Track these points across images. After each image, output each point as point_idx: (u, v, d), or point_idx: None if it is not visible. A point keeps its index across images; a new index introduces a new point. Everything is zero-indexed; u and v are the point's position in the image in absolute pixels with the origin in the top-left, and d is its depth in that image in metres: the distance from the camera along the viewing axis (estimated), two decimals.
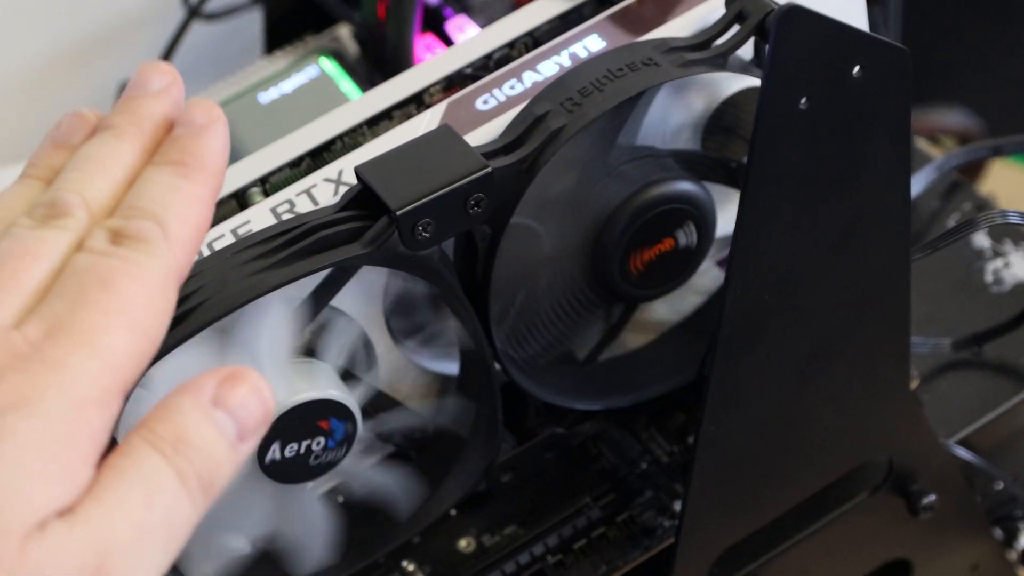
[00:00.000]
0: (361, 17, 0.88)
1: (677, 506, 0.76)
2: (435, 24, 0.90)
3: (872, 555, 0.79)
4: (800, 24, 0.58)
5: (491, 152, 0.65)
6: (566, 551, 0.76)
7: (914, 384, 0.78)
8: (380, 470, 0.72)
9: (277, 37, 0.97)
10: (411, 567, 0.76)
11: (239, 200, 0.72)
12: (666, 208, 0.70)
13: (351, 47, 0.95)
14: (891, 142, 0.64)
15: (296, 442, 0.66)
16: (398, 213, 0.62)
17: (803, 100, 0.58)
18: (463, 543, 0.77)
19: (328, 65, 0.87)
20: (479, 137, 0.68)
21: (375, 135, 0.73)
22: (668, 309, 0.78)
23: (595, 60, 0.68)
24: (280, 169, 0.72)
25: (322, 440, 0.67)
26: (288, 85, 0.86)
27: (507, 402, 0.72)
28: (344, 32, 0.96)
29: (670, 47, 0.68)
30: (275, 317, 0.64)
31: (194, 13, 0.99)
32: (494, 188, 0.64)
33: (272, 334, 0.64)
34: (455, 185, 0.63)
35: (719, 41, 0.68)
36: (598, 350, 0.75)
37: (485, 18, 0.89)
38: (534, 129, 0.66)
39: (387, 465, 0.72)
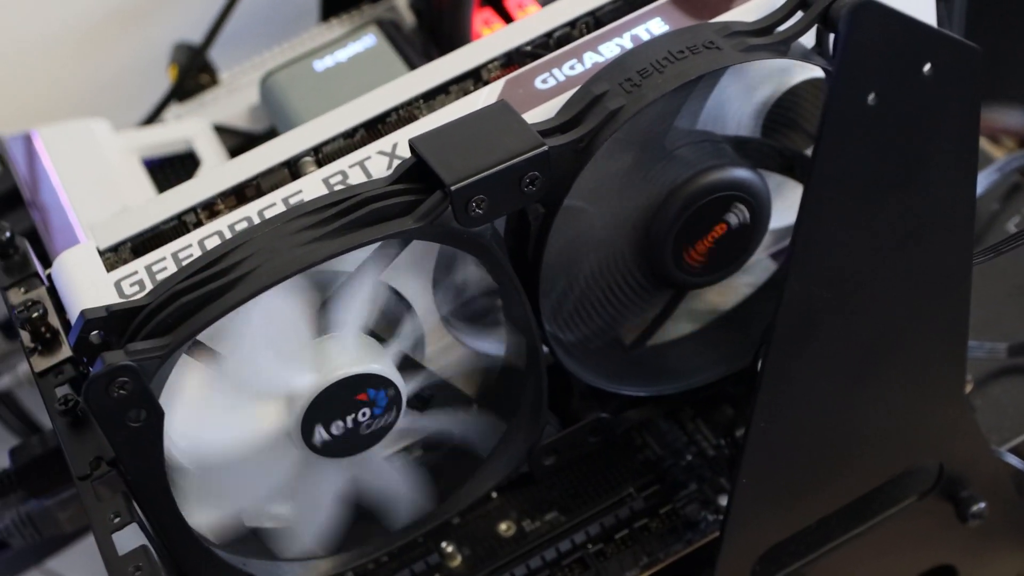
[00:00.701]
0: None
1: (722, 500, 0.74)
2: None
3: (917, 560, 0.77)
4: (873, 18, 0.56)
5: (547, 130, 0.64)
6: (607, 540, 0.74)
7: (968, 388, 0.77)
8: (393, 466, 0.71)
9: (333, 4, 0.96)
10: (450, 548, 0.75)
11: (291, 169, 0.71)
12: (722, 194, 0.69)
13: (408, 17, 0.94)
14: (958, 142, 0.63)
15: (343, 417, 0.66)
16: (452, 188, 0.61)
17: (872, 95, 0.56)
18: (503, 526, 0.75)
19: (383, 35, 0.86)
20: (537, 116, 0.66)
21: (431, 109, 0.72)
22: (717, 299, 0.77)
23: (656, 41, 0.67)
24: (334, 139, 0.71)
25: (367, 412, 0.66)
26: (343, 54, 0.85)
27: (552, 384, 0.70)
28: (401, 2, 0.95)
29: (732, 31, 0.66)
30: (367, 290, 0.64)
31: None
32: (549, 167, 0.63)
33: (360, 307, 0.64)
34: (511, 162, 0.62)
35: (782, 27, 0.67)
36: (646, 336, 0.74)
37: None
38: (591, 108, 0.65)
39: (401, 464, 0.72)
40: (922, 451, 0.72)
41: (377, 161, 0.67)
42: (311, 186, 0.67)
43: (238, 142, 0.90)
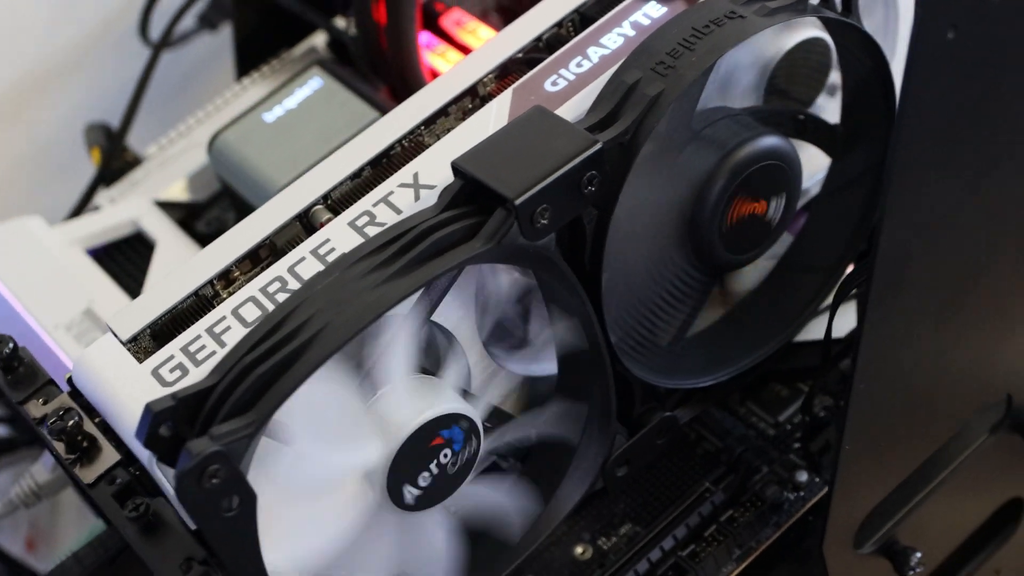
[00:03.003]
0: (356, 22, 0.84)
1: (799, 477, 0.72)
2: (430, 21, 0.86)
3: (992, 497, 0.76)
4: None
5: (589, 128, 0.62)
6: (697, 540, 0.71)
7: None
8: (486, 486, 0.67)
9: (248, 56, 0.92)
10: None
11: (303, 222, 0.67)
12: (759, 165, 0.67)
13: (328, 55, 0.91)
14: None
15: (426, 467, 0.62)
16: (517, 202, 0.58)
17: (951, 32, 0.55)
18: (579, 550, 0.72)
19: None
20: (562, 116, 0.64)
21: (435, 134, 0.68)
22: (743, 278, 0.75)
23: (675, 21, 0.64)
24: (341, 183, 0.67)
25: (448, 451, 0.62)
26: (292, 101, 0.81)
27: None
28: (319, 40, 0.92)
29: None
30: (406, 334, 0.60)
31: (161, 46, 0.93)
32: (604, 164, 0.60)
33: (403, 352, 0.60)
34: (570, 165, 0.59)
35: None
36: (687, 325, 0.72)
37: (480, 9, 0.86)
38: (628, 98, 0.62)
39: (492, 480, 0.68)
40: (994, 384, 0.71)
41: (401, 194, 0.64)
42: (338, 233, 0.63)
43: (184, 214, 0.85)
